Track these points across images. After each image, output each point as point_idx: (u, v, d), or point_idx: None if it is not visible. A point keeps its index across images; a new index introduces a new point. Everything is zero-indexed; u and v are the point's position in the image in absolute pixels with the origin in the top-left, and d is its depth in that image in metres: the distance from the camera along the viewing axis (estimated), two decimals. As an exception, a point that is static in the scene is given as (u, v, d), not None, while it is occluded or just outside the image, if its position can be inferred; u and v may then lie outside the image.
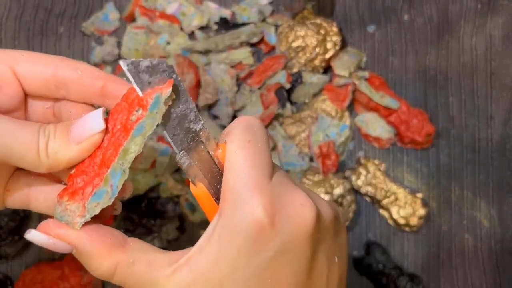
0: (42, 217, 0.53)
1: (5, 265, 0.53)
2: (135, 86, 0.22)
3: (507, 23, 0.56)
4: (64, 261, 0.51)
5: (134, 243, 0.25)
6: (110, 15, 0.58)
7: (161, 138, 0.53)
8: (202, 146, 0.25)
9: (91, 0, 0.58)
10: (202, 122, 0.25)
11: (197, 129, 0.25)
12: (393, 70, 0.57)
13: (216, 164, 0.26)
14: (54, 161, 0.23)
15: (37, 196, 0.27)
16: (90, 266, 0.24)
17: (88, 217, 0.23)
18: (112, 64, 0.57)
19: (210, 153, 0.25)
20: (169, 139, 0.24)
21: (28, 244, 0.53)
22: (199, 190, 0.26)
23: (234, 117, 0.55)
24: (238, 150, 0.24)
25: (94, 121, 0.23)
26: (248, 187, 0.23)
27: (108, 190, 0.23)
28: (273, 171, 0.25)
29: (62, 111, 0.27)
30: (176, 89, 0.23)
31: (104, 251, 0.23)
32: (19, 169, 0.27)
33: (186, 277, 0.23)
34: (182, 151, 0.24)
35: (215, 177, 0.26)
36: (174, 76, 0.23)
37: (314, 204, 0.24)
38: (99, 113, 0.23)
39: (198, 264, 0.23)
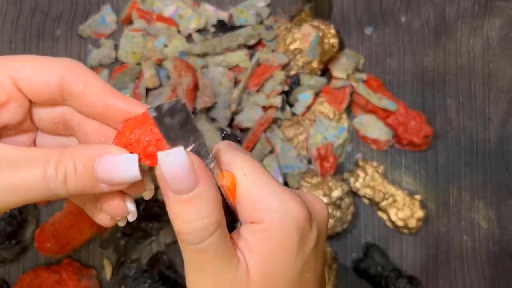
0: (39, 222, 0.53)
1: (2, 269, 0.53)
2: (162, 134, 0.22)
3: (504, 24, 0.56)
4: (61, 266, 0.51)
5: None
6: (107, 18, 0.58)
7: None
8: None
9: (88, 3, 0.58)
10: (210, 156, 0.25)
11: (208, 163, 0.25)
12: (391, 72, 0.57)
13: (222, 195, 0.26)
14: (81, 194, 0.22)
15: None
16: (202, 212, 0.22)
17: None
18: (109, 67, 0.57)
19: (218, 183, 0.25)
20: None
21: (26, 248, 0.53)
22: None
23: (232, 120, 0.55)
24: (249, 168, 0.25)
25: (128, 170, 0.22)
26: (278, 194, 0.24)
27: None
28: None
29: (72, 124, 0.25)
30: (190, 129, 0.23)
31: (218, 203, 0.22)
32: None
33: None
34: None
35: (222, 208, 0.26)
36: (188, 117, 0.23)
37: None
38: (134, 162, 0.22)
39: (253, 267, 0.24)
